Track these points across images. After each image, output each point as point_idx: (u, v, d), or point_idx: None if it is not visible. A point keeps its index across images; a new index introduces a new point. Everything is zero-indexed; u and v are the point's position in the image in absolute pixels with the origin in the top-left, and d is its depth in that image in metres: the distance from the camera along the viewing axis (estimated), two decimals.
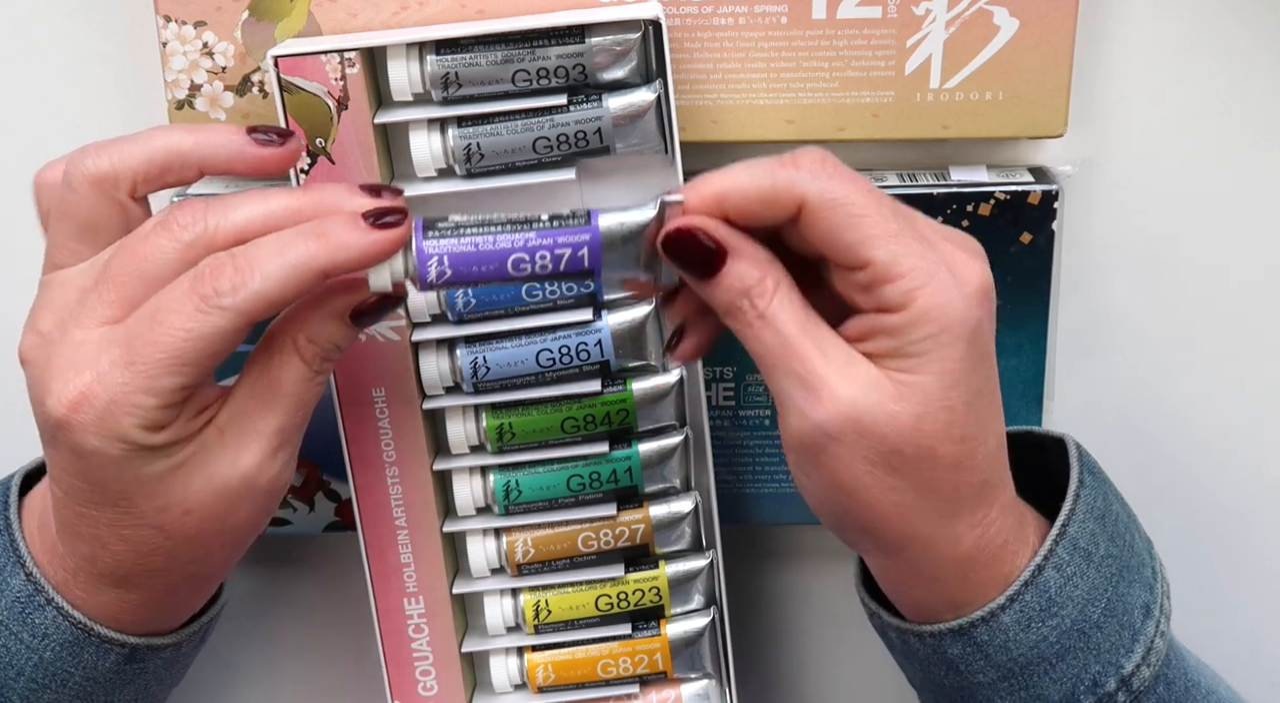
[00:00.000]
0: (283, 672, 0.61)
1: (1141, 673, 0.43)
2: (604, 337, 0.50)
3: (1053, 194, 0.51)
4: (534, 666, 0.52)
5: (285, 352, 0.42)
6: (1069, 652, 0.43)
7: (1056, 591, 0.43)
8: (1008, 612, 0.43)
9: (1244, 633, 0.58)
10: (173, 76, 0.50)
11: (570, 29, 0.47)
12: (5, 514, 0.46)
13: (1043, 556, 0.43)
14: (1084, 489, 0.44)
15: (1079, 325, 0.54)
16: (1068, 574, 0.43)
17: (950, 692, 0.45)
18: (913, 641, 0.45)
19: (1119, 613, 0.43)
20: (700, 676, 0.53)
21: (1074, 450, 0.46)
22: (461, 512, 0.51)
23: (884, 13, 0.49)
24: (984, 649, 0.43)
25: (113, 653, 0.45)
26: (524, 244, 0.42)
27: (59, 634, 0.45)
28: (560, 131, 0.47)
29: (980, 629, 0.43)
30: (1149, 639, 0.44)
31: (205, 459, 0.42)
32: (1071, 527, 0.44)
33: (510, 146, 0.48)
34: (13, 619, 0.45)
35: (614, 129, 0.48)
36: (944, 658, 0.44)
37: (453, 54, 0.47)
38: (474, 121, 0.47)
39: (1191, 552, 0.55)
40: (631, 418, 0.51)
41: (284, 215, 0.41)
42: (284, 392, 0.42)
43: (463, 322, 0.49)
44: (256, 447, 0.42)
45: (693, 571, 0.52)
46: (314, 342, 0.42)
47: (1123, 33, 0.51)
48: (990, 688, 0.44)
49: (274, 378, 0.42)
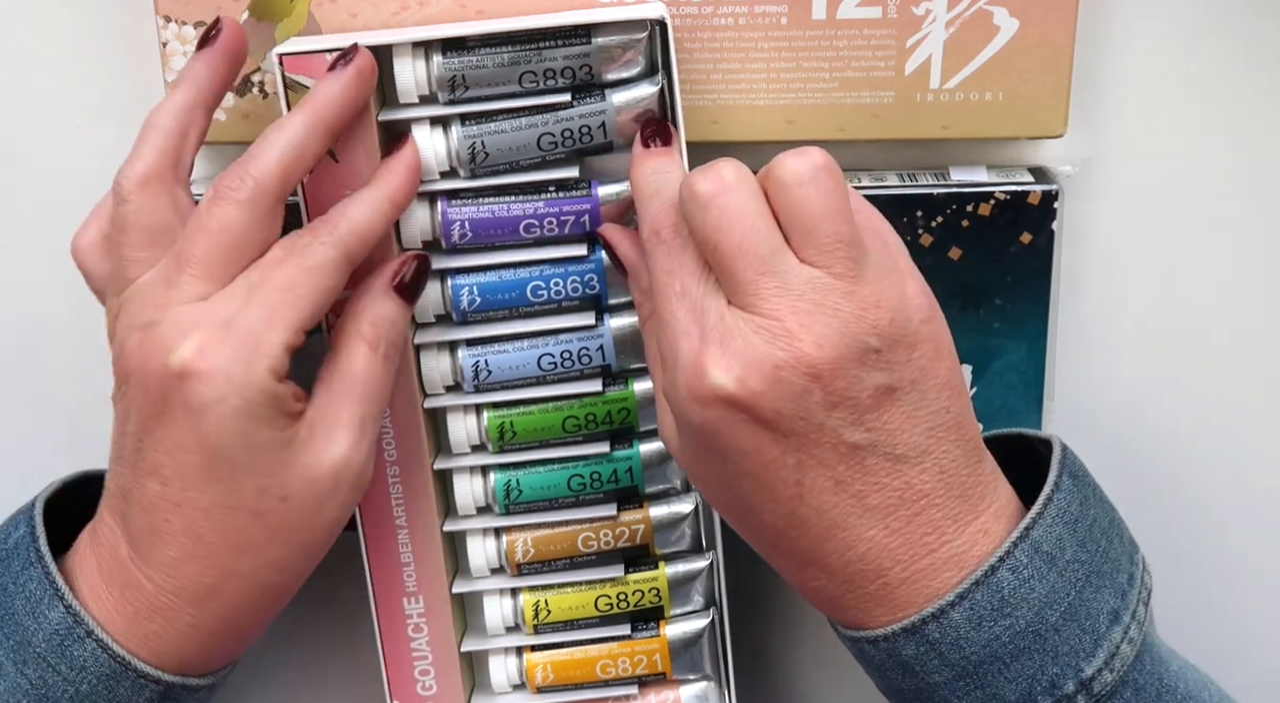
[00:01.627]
0: (283, 672, 0.61)
1: (1103, 677, 0.43)
2: (606, 341, 0.50)
3: (1053, 194, 0.51)
4: (533, 666, 0.52)
5: (351, 340, 0.46)
6: (1023, 653, 0.43)
7: (1010, 592, 0.42)
8: (957, 609, 0.42)
9: (1242, 633, 0.58)
10: (173, 76, 0.50)
11: (576, 30, 0.47)
12: (35, 547, 0.46)
13: (998, 557, 0.43)
14: (1058, 493, 0.44)
15: (1079, 325, 0.54)
16: (1024, 577, 0.43)
17: (908, 695, 0.45)
18: (868, 648, 0.44)
19: (1081, 618, 0.43)
20: (699, 677, 0.53)
21: (1057, 454, 0.46)
22: (462, 511, 0.51)
23: (884, 13, 0.49)
24: (936, 648, 0.43)
25: (148, 689, 0.45)
26: (533, 211, 0.48)
27: (97, 668, 0.45)
28: (565, 127, 0.48)
29: (931, 626, 0.43)
30: (1114, 645, 0.43)
31: (300, 449, 0.44)
32: (1036, 530, 0.43)
33: (515, 144, 0.48)
34: (50, 652, 0.45)
35: (618, 124, 0.48)
36: (899, 660, 0.44)
37: (459, 56, 0.47)
38: (478, 120, 0.48)
39: (1190, 552, 0.55)
40: (633, 417, 0.51)
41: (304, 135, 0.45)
42: (359, 379, 0.45)
43: (466, 322, 0.49)
44: (343, 437, 0.45)
45: (693, 571, 0.52)
46: (374, 323, 0.46)
47: (1123, 33, 0.51)
48: (947, 688, 0.44)
49: (345, 370, 0.45)
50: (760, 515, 0.43)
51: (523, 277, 0.49)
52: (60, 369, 0.56)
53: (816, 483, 0.42)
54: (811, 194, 0.42)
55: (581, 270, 0.49)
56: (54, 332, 0.56)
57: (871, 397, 0.41)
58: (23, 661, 0.45)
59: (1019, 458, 0.48)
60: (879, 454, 0.42)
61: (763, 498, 0.42)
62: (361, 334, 0.46)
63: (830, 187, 0.42)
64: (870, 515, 0.42)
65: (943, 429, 0.42)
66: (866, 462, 0.42)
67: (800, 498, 0.42)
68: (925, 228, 0.51)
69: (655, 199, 0.45)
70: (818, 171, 0.42)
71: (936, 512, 0.43)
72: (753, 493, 0.42)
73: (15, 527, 0.47)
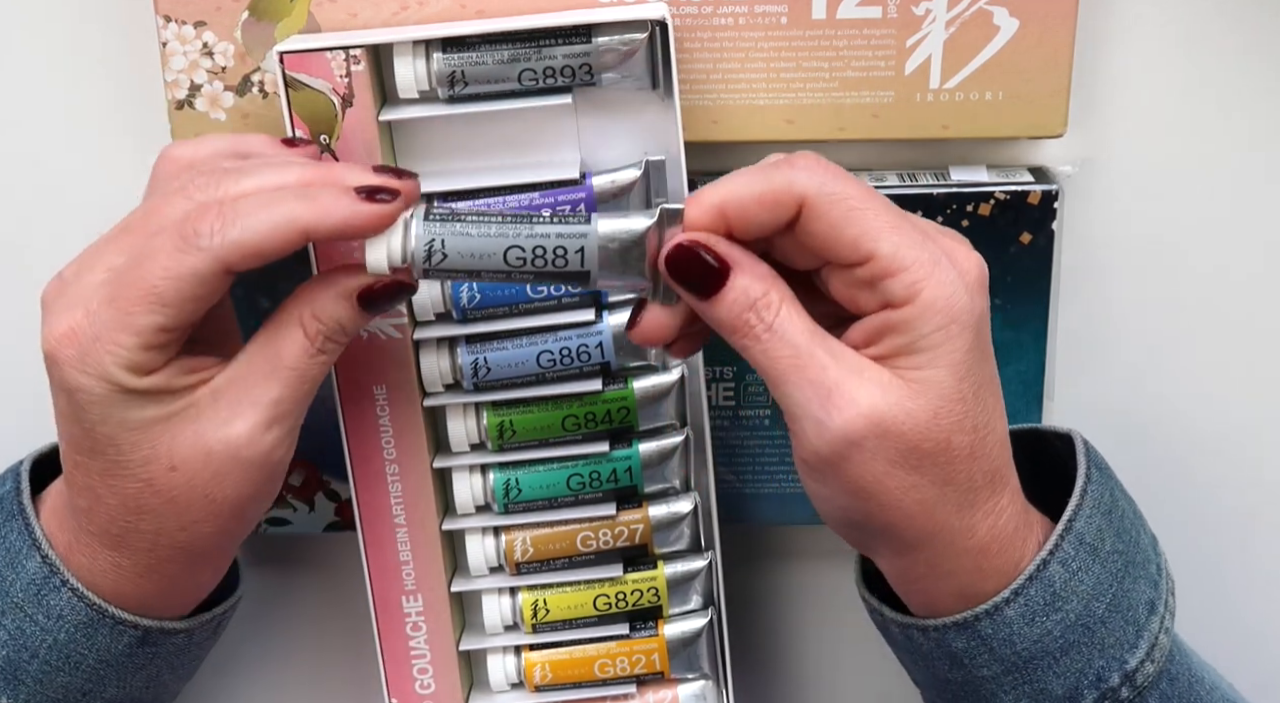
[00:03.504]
0: (282, 671, 0.61)
1: (1145, 669, 0.43)
2: (605, 338, 0.50)
3: (1053, 194, 0.51)
4: (531, 665, 0.52)
5: (290, 325, 0.43)
6: (1073, 646, 0.43)
7: (1061, 585, 0.43)
8: (1012, 605, 0.43)
9: (1246, 633, 0.57)
10: (173, 76, 0.50)
11: (577, 29, 0.47)
12: (18, 499, 0.47)
13: (1048, 550, 0.43)
14: (1091, 484, 0.45)
15: (1079, 325, 0.54)
16: (1073, 569, 0.43)
17: (954, 687, 0.45)
18: (916, 635, 0.45)
19: (1124, 608, 0.43)
20: (697, 676, 0.52)
21: (1081, 445, 0.46)
22: (461, 510, 0.51)
23: (884, 13, 0.49)
24: (988, 643, 0.43)
25: (126, 635, 0.46)
26: (528, 203, 0.45)
27: (74, 616, 0.45)
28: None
29: (984, 623, 0.43)
30: (1153, 635, 0.44)
31: (195, 416, 0.43)
32: (1078, 522, 0.44)
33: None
34: (28, 601, 0.45)
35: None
36: (948, 652, 0.44)
37: (459, 53, 0.47)
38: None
39: (1192, 551, 0.55)
40: (632, 416, 0.51)
41: (288, 188, 0.42)
42: (284, 364, 0.43)
43: (466, 319, 0.49)
44: (249, 414, 0.43)
45: (691, 571, 0.52)
46: (318, 318, 0.43)
47: (1123, 33, 0.51)
48: (994, 682, 0.44)
49: (275, 349, 0.43)
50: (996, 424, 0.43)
51: None
52: None
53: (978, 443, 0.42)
54: None
55: None
56: None
57: None
58: (1, 611, 0.45)
59: (1024, 456, 0.48)
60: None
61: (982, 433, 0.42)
62: (302, 322, 0.43)
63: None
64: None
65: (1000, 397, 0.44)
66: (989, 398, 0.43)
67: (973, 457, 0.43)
68: None
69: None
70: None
71: None
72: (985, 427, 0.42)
73: (2, 483, 0.48)
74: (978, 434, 0.41)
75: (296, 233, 0.41)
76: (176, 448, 0.42)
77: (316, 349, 0.43)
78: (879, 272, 0.40)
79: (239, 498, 0.44)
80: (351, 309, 0.43)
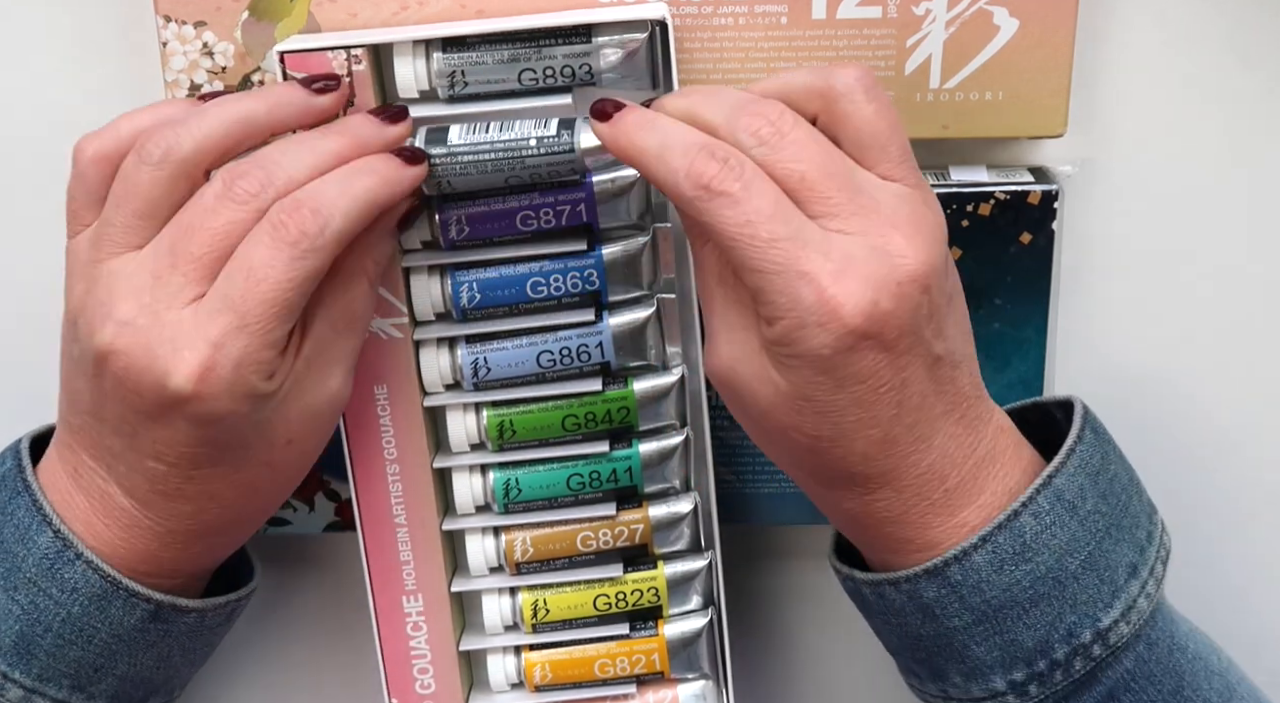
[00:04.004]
0: (282, 671, 0.61)
1: (1119, 629, 0.44)
2: (605, 338, 0.50)
3: (1053, 194, 0.51)
4: (531, 665, 0.52)
5: (357, 278, 0.45)
6: (1043, 598, 0.43)
7: (1032, 537, 0.43)
8: (980, 552, 0.43)
9: (1244, 630, 0.57)
10: (173, 76, 0.50)
11: (576, 29, 0.47)
12: (22, 477, 0.47)
13: (1021, 502, 0.43)
14: (1080, 445, 0.45)
15: (1079, 325, 0.54)
16: (1045, 523, 0.43)
17: (927, 643, 0.45)
18: (889, 591, 0.45)
19: (1100, 568, 0.44)
20: (697, 676, 0.53)
21: (1079, 409, 0.47)
22: (461, 510, 0.51)
23: (884, 13, 0.49)
24: (958, 590, 0.43)
25: (139, 609, 0.46)
26: (529, 202, 0.48)
27: (88, 588, 0.46)
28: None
29: (954, 568, 0.43)
30: (1131, 598, 0.44)
31: (300, 390, 0.45)
32: (1058, 478, 0.44)
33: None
34: (41, 575, 0.46)
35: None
36: (920, 604, 0.44)
37: (459, 53, 0.47)
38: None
39: (1191, 550, 0.55)
40: (633, 416, 0.51)
41: (332, 162, 0.44)
42: (358, 316, 0.46)
43: (467, 319, 0.49)
44: (340, 368, 0.46)
45: (691, 571, 0.52)
46: (378, 262, 0.46)
47: (1123, 33, 0.51)
48: (965, 633, 0.44)
49: (348, 304, 0.45)
50: (852, 443, 0.42)
51: (522, 272, 0.49)
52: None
53: (910, 400, 0.42)
54: (882, 109, 0.42)
55: (581, 266, 0.49)
56: (54, 330, 0.56)
57: (945, 304, 0.42)
58: (13, 587, 0.46)
59: (1030, 433, 0.48)
60: (946, 362, 0.43)
61: (862, 424, 0.42)
62: (366, 271, 0.45)
63: (887, 99, 0.43)
64: (936, 424, 0.43)
65: (968, 334, 0.44)
66: (940, 371, 0.42)
67: (897, 418, 0.42)
68: None
69: (669, 151, 0.42)
70: (877, 84, 0.43)
71: (972, 412, 0.44)
72: (854, 420, 0.42)
73: (1, 462, 0.48)
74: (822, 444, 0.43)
75: (376, 209, 0.44)
76: (292, 424, 0.45)
77: (375, 290, 0.47)
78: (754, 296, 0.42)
79: (323, 443, 0.47)
80: (395, 240, 0.47)
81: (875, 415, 0.42)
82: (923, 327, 0.41)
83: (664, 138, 0.42)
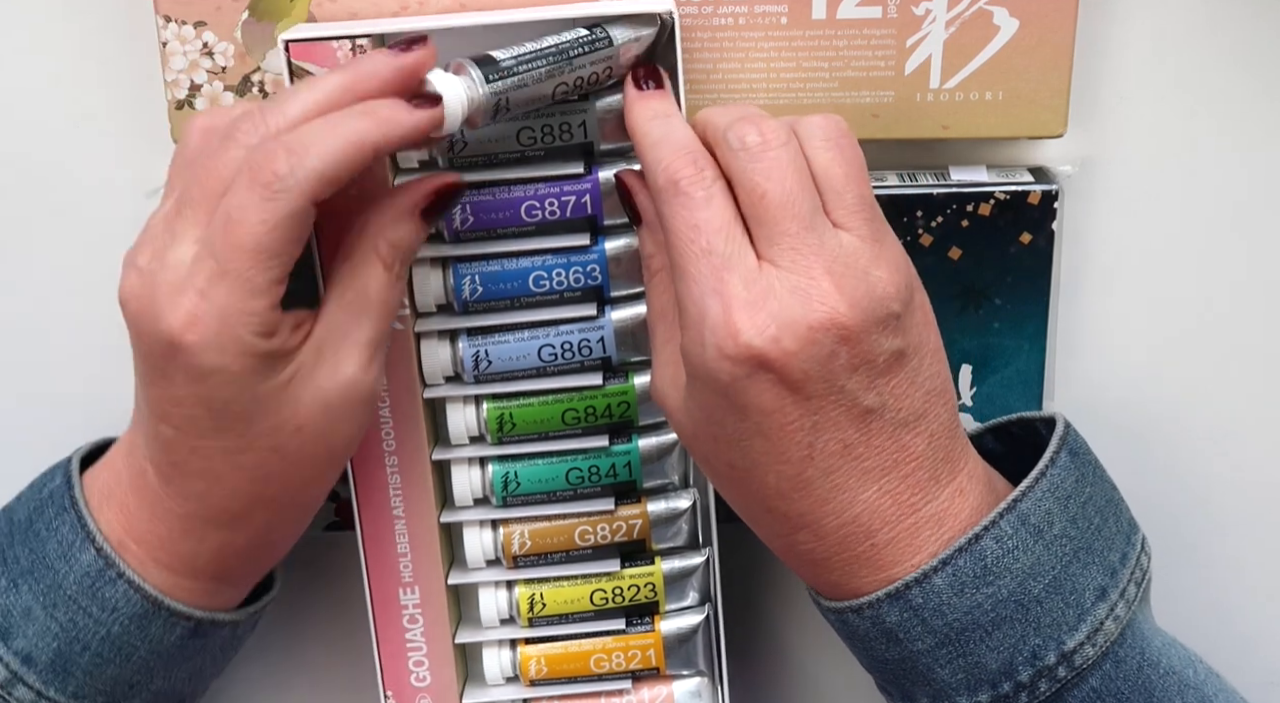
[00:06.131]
0: (281, 671, 0.61)
1: (1084, 651, 0.43)
2: (606, 333, 0.50)
3: (1053, 194, 0.51)
4: (527, 659, 0.52)
5: (368, 261, 0.44)
6: (1005, 621, 0.43)
7: (994, 560, 0.43)
8: (940, 574, 0.43)
9: (1240, 632, 0.57)
10: (173, 76, 0.51)
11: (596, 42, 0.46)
12: (70, 493, 0.47)
13: (983, 526, 0.43)
14: (1053, 468, 0.44)
15: (1079, 325, 0.54)
16: (1008, 547, 0.43)
17: (893, 666, 0.45)
18: (852, 618, 0.45)
19: (1065, 591, 0.43)
20: (693, 673, 0.52)
21: (1059, 430, 0.46)
22: (459, 502, 0.52)
23: (884, 13, 0.50)
24: (919, 613, 0.43)
25: (179, 626, 0.46)
26: (534, 192, 0.48)
27: (129, 608, 0.45)
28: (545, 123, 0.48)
29: (914, 591, 0.43)
30: (1097, 621, 0.43)
31: (309, 374, 0.43)
32: (1024, 503, 0.44)
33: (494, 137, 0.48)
34: (82, 594, 0.45)
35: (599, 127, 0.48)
36: (883, 629, 0.44)
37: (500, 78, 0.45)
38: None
39: (1188, 550, 0.55)
40: (633, 411, 0.51)
41: (337, 96, 0.42)
42: (373, 300, 0.44)
43: (468, 312, 0.50)
44: (354, 356, 0.44)
45: (688, 567, 0.52)
46: (394, 245, 0.44)
47: (1123, 33, 0.51)
48: (929, 656, 0.44)
49: (360, 288, 0.44)
50: (764, 476, 0.43)
51: (525, 266, 0.49)
52: (61, 368, 0.56)
53: (827, 446, 0.42)
54: (839, 156, 0.43)
55: (584, 261, 0.49)
56: (55, 330, 0.56)
57: (886, 361, 0.42)
58: (53, 604, 0.46)
59: (1026, 444, 0.48)
60: (884, 419, 0.42)
61: (772, 458, 0.42)
62: (379, 253, 0.44)
63: (854, 149, 0.43)
64: (868, 478, 0.42)
65: (935, 394, 0.43)
66: (873, 425, 0.42)
67: (810, 459, 0.42)
68: (925, 228, 0.51)
69: (664, 145, 0.43)
70: (843, 134, 0.43)
71: (923, 473, 0.43)
72: (762, 453, 0.42)
73: (51, 478, 0.48)
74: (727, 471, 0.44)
75: (369, 152, 0.41)
76: (300, 408, 0.43)
77: (395, 276, 0.45)
78: None
79: (350, 441, 0.46)
80: (416, 225, 0.45)
81: (784, 452, 0.42)
82: (839, 376, 0.41)
83: (666, 133, 0.44)
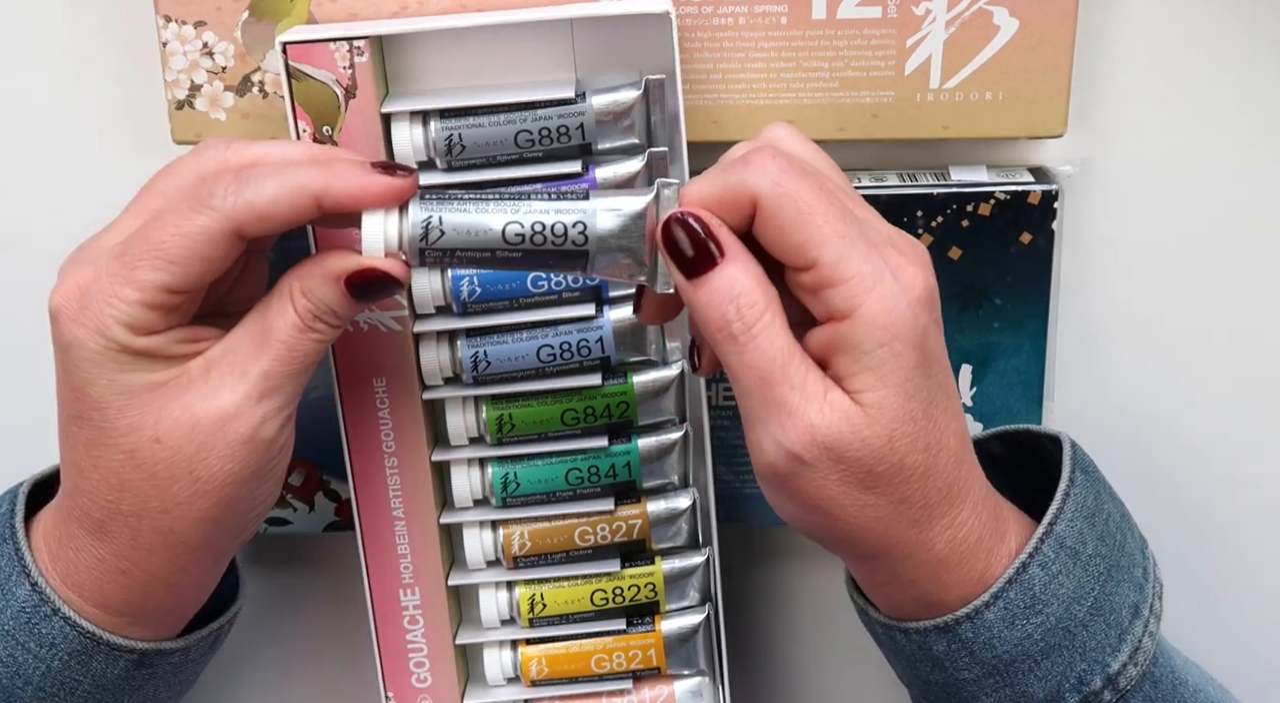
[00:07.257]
0: (281, 672, 0.61)
1: (1128, 672, 0.43)
2: (605, 333, 0.50)
3: (1053, 194, 0.51)
4: (528, 659, 0.52)
5: (282, 298, 0.43)
6: (1054, 649, 0.43)
7: (1041, 588, 0.42)
8: (992, 609, 0.42)
9: (1241, 634, 0.57)
10: (173, 76, 0.51)
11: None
12: (11, 523, 0.46)
13: (1028, 553, 0.43)
14: (1075, 488, 0.44)
15: (1079, 325, 0.54)
16: (1053, 572, 0.43)
17: (936, 688, 0.45)
18: (899, 637, 0.45)
19: (1106, 612, 0.43)
20: (694, 672, 0.52)
21: (1068, 449, 0.46)
22: (459, 503, 0.51)
23: (884, 13, 0.50)
24: (968, 646, 0.43)
25: (122, 660, 0.45)
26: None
27: (67, 644, 0.45)
28: (542, 126, 0.48)
29: (965, 626, 0.43)
30: (1136, 639, 0.43)
31: (185, 387, 0.42)
32: (1059, 525, 0.43)
33: (491, 139, 0.48)
34: (19, 629, 0.45)
35: (596, 127, 0.48)
36: (929, 655, 0.44)
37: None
38: (456, 114, 0.48)
39: (1188, 552, 0.55)
40: (632, 411, 0.51)
41: (301, 151, 0.43)
42: (274, 336, 0.42)
43: (467, 312, 0.50)
44: (238, 386, 0.42)
45: (689, 567, 0.52)
46: (307, 296, 0.43)
47: (1123, 33, 0.51)
48: (975, 685, 0.43)
49: (267, 321, 0.43)
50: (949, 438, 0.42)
51: None
52: None
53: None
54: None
55: None
56: None
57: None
58: None
59: (1017, 456, 0.48)
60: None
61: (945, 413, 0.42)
62: (293, 298, 0.43)
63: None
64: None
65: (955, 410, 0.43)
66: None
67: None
68: (925, 228, 0.51)
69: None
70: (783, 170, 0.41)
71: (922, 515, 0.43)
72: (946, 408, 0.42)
73: (1, 503, 0.48)
74: (930, 453, 0.41)
75: (309, 199, 0.41)
76: (163, 418, 0.42)
77: (306, 326, 0.43)
78: (821, 281, 0.40)
79: (224, 477, 0.43)
80: (340, 294, 0.42)
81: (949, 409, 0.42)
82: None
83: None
